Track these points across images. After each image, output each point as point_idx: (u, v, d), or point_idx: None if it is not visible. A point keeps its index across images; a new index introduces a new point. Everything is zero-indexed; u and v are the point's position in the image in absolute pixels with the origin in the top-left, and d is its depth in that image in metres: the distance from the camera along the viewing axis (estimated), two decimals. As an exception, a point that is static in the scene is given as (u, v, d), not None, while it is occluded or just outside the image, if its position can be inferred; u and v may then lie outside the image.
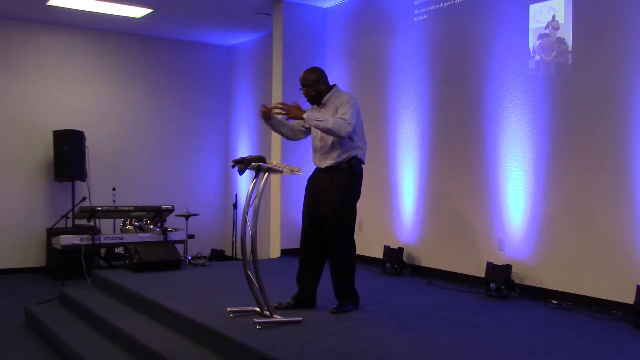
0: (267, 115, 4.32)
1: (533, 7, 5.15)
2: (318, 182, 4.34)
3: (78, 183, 8.07)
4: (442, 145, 5.97)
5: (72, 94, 8.44)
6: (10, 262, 7.98)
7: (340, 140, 4.24)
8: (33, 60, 8.19)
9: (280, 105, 4.24)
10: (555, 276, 4.92)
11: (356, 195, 4.36)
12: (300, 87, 4.40)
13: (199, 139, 9.41)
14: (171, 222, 7.20)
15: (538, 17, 5.11)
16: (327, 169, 4.31)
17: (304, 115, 4.15)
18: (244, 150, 9.11)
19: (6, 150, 8.02)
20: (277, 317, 3.97)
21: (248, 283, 4.03)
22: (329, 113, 4.28)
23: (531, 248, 5.10)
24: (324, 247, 4.34)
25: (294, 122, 4.49)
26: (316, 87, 4.34)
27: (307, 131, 4.53)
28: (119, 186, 7.95)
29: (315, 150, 4.41)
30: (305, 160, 6.06)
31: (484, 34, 5.55)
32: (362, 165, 4.40)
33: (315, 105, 4.43)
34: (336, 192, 4.24)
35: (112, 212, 6.63)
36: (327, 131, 4.15)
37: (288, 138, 4.62)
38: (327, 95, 4.37)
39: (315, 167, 4.46)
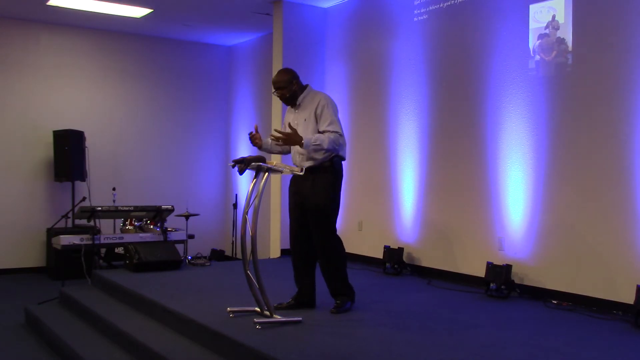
0: (258, 143, 4.34)
1: (533, 7, 5.15)
2: (301, 184, 4.33)
3: (78, 183, 8.07)
4: (442, 145, 5.97)
5: (72, 94, 8.45)
6: (10, 262, 7.98)
7: None
8: (33, 60, 8.20)
9: (277, 135, 4.18)
10: (555, 276, 4.92)
11: (338, 192, 4.37)
12: (274, 90, 4.41)
13: (199, 138, 9.41)
14: (171, 222, 7.19)
15: (538, 17, 5.11)
16: (309, 169, 4.29)
17: (303, 142, 4.12)
18: (244, 150, 9.11)
19: (6, 150, 8.03)
20: (277, 317, 3.97)
21: (248, 283, 4.03)
22: (306, 114, 4.30)
23: (531, 248, 5.10)
24: (314, 246, 4.34)
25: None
26: (290, 88, 4.35)
27: None
28: (119, 186, 7.95)
29: (295, 151, 4.40)
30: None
31: (484, 34, 5.55)
32: (343, 162, 4.41)
33: (290, 107, 4.46)
34: (320, 193, 4.23)
35: (112, 212, 6.62)
36: (326, 152, 4.19)
37: (282, 154, 4.67)
38: (302, 96, 4.38)
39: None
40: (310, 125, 4.27)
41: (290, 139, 4.14)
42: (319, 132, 4.24)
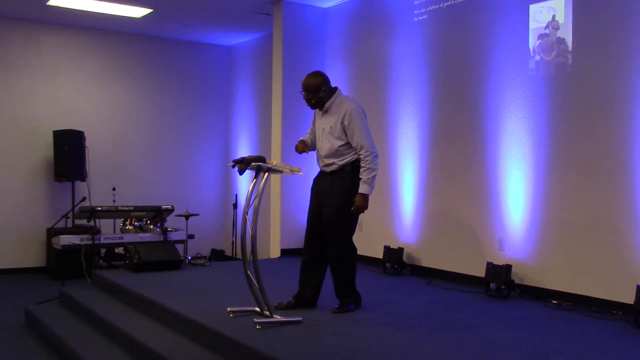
0: (306, 150, 4.45)
1: (533, 7, 5.15)
2: (321, 183, 4.37)
3: (78, 183, 8.07)
4: (442, 145, 5.97)
5: (72, 94, 8.45)
6: (10, 262, 7.98)
7: (345, 146, 4.26)
8: (33, 60, 8.19)
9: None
10: (555, 276, 4.92)
11: None
12: (301, 91, 4.37)
13: (199, 139, 9.41)
14: (171, 222, 7.19)
15: (538, 17, 5.11)
16: (331, 172, 4.31)
17: (367, 193, 4.21)
18: (244, 150, 9.11)
19: (6, 150, 8.03)
20: (277, 317, 3.98)
21: (248, 283, 4.03)
22: (332, 121, 4.28)
23: (531, 248, 5.10)
24: (326, 247, 4.34)
25: (311, 137, 4.56)
26: (316, 94, 4.29)
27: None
28: (119, 186, 7.95)
29: (319, 154, 4.41)
30: (306, 160, 6.07)
31: (484, 34, 5.55)
32: None
33: (318, 110, 4.44)
34: (337, 194, 4.25)
35: (112, 212, 6.62)
36: (376, 169, 4.26)
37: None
38: (330, 101, 4.33)
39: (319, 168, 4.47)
40: (335, 133, 4.26)
41: (360, 205, 4.21)
42: (350, 145, 4.24)
